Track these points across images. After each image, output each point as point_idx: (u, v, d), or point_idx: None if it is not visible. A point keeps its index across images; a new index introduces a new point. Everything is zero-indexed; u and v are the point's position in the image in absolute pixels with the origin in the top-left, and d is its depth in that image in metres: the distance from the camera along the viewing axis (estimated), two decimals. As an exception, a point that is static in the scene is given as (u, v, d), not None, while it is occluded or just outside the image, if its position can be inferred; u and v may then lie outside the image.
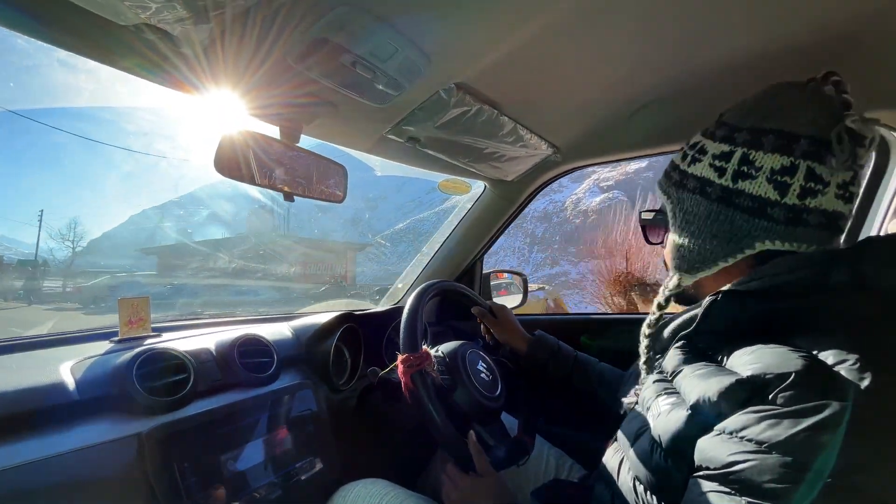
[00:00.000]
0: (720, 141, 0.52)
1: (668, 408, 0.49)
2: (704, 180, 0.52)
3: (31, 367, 0.67)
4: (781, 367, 0.39)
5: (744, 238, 0.49)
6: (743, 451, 0.39)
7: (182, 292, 16.50)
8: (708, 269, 0.53)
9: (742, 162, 0.49)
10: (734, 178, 0.49)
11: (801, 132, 0.46)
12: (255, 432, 0.79)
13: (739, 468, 0.38)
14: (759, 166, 0.48)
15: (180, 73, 0.58)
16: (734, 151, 0.50)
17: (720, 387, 0.42)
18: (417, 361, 0.71)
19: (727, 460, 0.39)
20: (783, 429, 0.37)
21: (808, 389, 0.37)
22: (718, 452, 0.40)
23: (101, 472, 0.59)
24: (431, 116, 0.77)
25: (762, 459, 0.37)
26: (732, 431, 0.40)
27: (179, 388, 0.73)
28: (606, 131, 0.95)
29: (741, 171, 0.49)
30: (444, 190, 1.33)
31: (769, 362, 0.41)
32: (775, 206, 0.47)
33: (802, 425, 0.36)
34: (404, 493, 0.77)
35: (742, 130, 0.50)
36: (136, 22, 0.46)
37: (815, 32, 0.60)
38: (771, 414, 0.38)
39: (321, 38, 0.53)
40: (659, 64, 0.69)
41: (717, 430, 0.42)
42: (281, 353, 0.93)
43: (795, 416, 0.37)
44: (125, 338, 0.81)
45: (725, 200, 0.50)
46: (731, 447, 0.40)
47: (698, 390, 0.45)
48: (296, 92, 0.65)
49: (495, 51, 0.62)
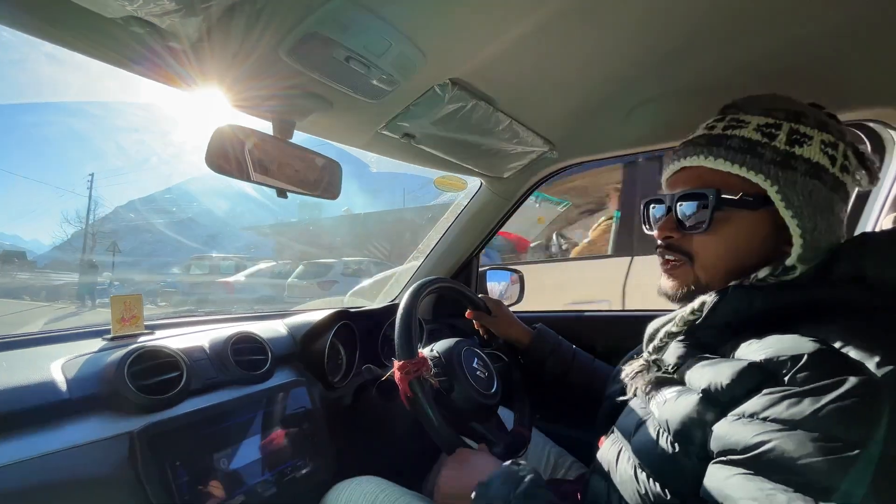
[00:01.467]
0: (820, 129, 0.51)
1: (675, 395, 0.49)
2: (819, 166, 0.50)
3: (22, 364, 0.66)
4: (793, 349, 0.40)
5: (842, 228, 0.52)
6: (767, 431, 0.38)
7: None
8: (822, 256, 0.50)
9: (844, 156, 0.51)
10: (841, 169, 0.51)
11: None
12: (248, 430, 0.78)
13: (766, 449, 0.38)
14: (853, 162, 0.52)
15: (170, 66, 0.57)
16: (838, 144, 0.51)
17: (732, 371, 0.43)
18: (415, 368, 0.71)
19: (752, 442, 0.39)
20: (806, 406, 0.37)
21: (822, 369, 0.38)
22: (741, 436, 0.40)
23: (92, 472, 0.59)
24: (426, 112, 0.76)
25: (788, 437, 0.37)
26: (753, 414, 0.40)
27: (172, 386, 0.72)
28: (603, 128, 0.95)
29: (845, 165, 0.51)
30: (439, 186, 1.32)
31: (780, 347, 0.41)
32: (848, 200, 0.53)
33: (824, 400, 0.36)
34: (399, 490, 0.76)
35: (829, 124, 0.52)
36: (123, 14, 0.45)
37: (813, 30, 0.59)
38: (790, 394, 0.38)
39: (313, 32, 0.52)
40: (655, 61, 0.68)
41: (734, 414, 0.41)
42: (275, 351, 0.93)
43: (815, 393, 0.37)
44: (117, 335, 0.81)
45: (836, 189, 0.51)
46: (753, 429, 0.39)
47: (708, 376, 0.45)
48: (288, 87, 0.64)
49: (491, 46, 0.62)
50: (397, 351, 0.73)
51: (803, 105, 0.54)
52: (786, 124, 0.52)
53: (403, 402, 0.72)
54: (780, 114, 0.53)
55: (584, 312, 1.37)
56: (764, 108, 0.54)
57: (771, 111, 0.54)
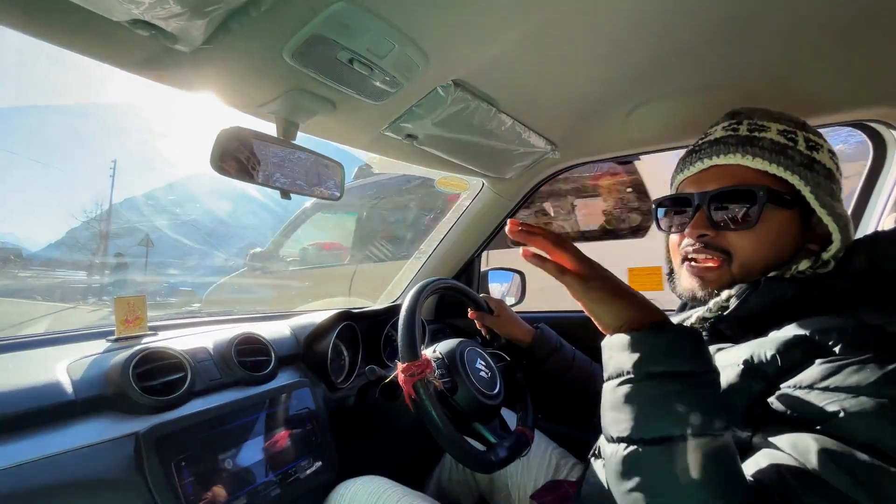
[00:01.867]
0: (821, 138, 0.57)
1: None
2: (830, 170, 0.55)
3: (28, 366, 0.67)
4: (835, 325, 0.41)
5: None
6: (836, 400, 0.37)
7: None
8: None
9: (837, 164, 0.57)
10: (840, 175, 0.56)
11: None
12: (252, 431, 0.78)
13: (843, 416, 0.37)
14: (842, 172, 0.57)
15: (175, 69, 0.57)
16: (835, 153, 0.57)
17: (776, 343, 0.43)
18: (419, 370, 0.71)
19: (825, 411, 0.38)
20: (870, 372, 0.37)
21: (868, 340, 0.39)
22: (808, 407, 0.39)
23: (99, 472, 0.59)
24: (429, 113, 0.77)
25: (863, 403, 0.36)
26: (811, 384, 0.39)
27: (176, 387, 0.73)
28: (605, 128, 0.95)
29: (841, 171, 0.57)
30: (442, 187, 1.33)
31: (819, 325, 0.42)
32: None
33: (888, 368, 0.36)
34: (402, 490, 0.77)
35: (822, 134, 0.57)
36: (129, 18, 0.45)
37: (814, 30, 0.59)
38: (848, 362, 0.38)
39: (317, 34, 0.53)
40: (657, 62, 0.68)
41: (789, 385, 0.41)
42: (279, 352, 0.93)
43: (873, 360, 0.37)
44: (122, 336, 0.81)
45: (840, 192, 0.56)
46: (821, 399, 0.38)
47: (747, 352, 0.45)
48: (292, 89, 0.65)
49: (493, 47, 0.62)
50: (400, 353, 0.73)
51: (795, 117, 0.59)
52: (799, 132, 0.56)
53: (407, 404, 0.72)
54: (789, 122, 0.57)
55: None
56: (771, 116, 0.58)
57: (779, 119, 0.57)
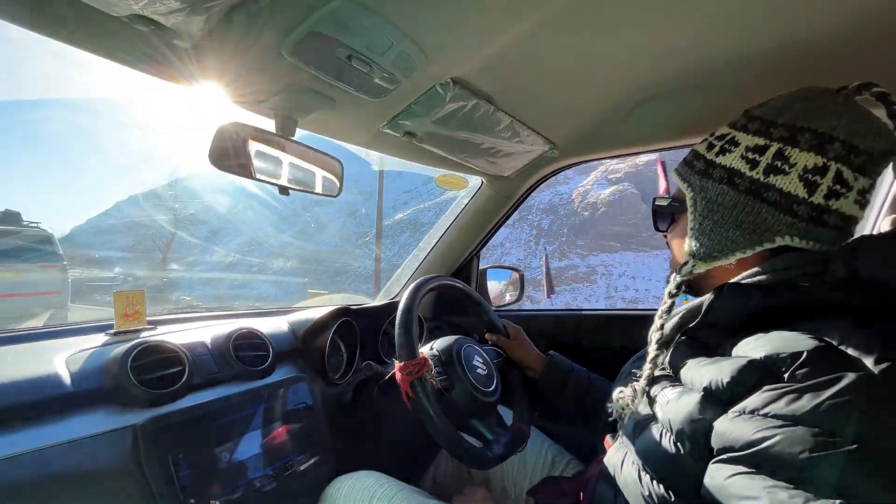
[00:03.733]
0: (754, 134, 0.52)
1: (677, 395, 0.49)
2: (734, 171, 0.53)
3: (26, 358, 0.67)
4: (792, 347, 0.41)
5: (766, 231, 0.50)
6: (767, 427, 0.38)
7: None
8: (724, 258, 0.54)
9: (777, 157, 0.50)
10: (766, 171, 0.50)
11: (836, 135, 0.48)
12: (250, 425, 0.79)
13: (767, 445, 0.38)
14: (793, 163, 0.49)
15: (173, 64, 0.58)
16: (769, 146, 0.50)
17: (732, 369, 0.43)
18: (416, 369, 0.71)
19: (752, 438, 0.39)
20: (806, 401, 0.37)
21: (822, 365, 0.38)
22: (742, 432, 0.40)
23: (96, 464, 0.59)
24: (428, 111, 0.77)
25: (790, 433, 0.37)
26: (753, 410, 0.40)
27: (174, 381, 0.73)
28: (604, 127, 0.95)
29: (774, 166, 0.50)
30: (441, 185, 1.33)
31: (779, 344, 0.42)
32: (802, 204, 0.48)
33: (824, 396, 0.36)
34: (397, 485, 0.77)
35: (778, 126, 0.51)
36: (129, 13, 0.45)
37: (816, 31, 0.59)
38: (790, 390, 0.38)
39: (316, 31, 0.53)
40: (657, 61, 0.68)
41: (734, 411, 0.42)
42: (277, 347, 0.93)
43: (815, 388, 0.37)
44: (120, 330, 0.82)
45: (753, 193, 0.51)
46: (754, 425, 0.39)
47: (709, 375, 0.45)
48: (290, 85, 0.65)
49: (492, 46, 0.62)
50: (398, 351, 0.73)
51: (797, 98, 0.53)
52: (731, 133, 0.55)
53: (405, 403, 0.73)
54: (740, 122, 0.56)
55: (583, 311, 1.37)
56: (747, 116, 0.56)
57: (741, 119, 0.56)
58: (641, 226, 13.08)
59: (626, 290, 11.99)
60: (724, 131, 0.57)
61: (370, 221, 21.86)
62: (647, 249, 13.09)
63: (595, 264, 13.21)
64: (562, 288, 12.81)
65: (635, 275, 12.37)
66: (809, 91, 0.52)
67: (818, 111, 0.49)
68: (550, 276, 12.64)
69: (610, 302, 11.57)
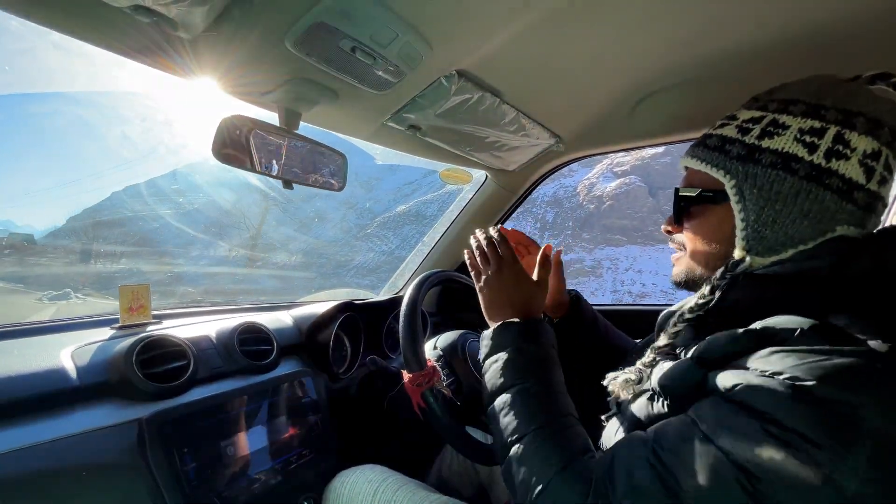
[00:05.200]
0: (804, 116, 0.49)
1: (671, 363, 0.50)
2: (790, 156, 0.48)
3: (33, 352, 0.67)
4: (791, 323, 0.41)
5: (829, 220, 0.47)
6: (747, 375, 0.39)
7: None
8: (785, 251, 0.49)
9: (836, 140, 0.46)
10: (827, 156, 0.47)
11: (886, 121, 0.46)
12: (254, 419, 0.79)
13: (739, 388, 0.39)
14: (853, 147, 0.46)
15: (176, 56, 0.57)
16: (827, 128, 0.47)
17: (727, 336, 0.44)
18: (426, 379, 0.70)
19: (731, 384, 0.40)
20: (791, 360, 0.37)
21: (817, 340, 0.38)
22: (725, 380, 0.41)
23: (102, 457, 0.60)
24: (432, 104, 0.76)
25: (763, 381, 0.38)
26: (740, 366, 0.41)
27: (179, 375, 0.73)
28: (609, 121, 0.94)
29: (835, 150, 0.46)
30: (445, 179, 1.32)
31: (779, 320, 0.42)
32: (860, 191, 0.46)
33: (810, 359, 0.37)
34: (401, 478, 0.77)
35: (829, 109, 0.48)
36: (130, 4, 0.45)
37: (824, 20, 0.58)
38: (782, 350, 0.39)
39: (319, 22, 0.52)
40: (663, 53, 0.67)
41: (727, 366, 0.43)
42: (281, 342, 0.94)
43: (807, 352, 0.37)
44: (126, 324, 0.82)
45: (816, 179, 0.47)
46: (737, 375, 0.40)
47: (704, 345, 0.46)
48: (294, 77, 0.64)
49: (497, 38, 0.61)
50: (405, 364, 0.72)
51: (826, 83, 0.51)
52: (770, 115, 0.51)
53: (417, 413, 0.72)
54: (774, 105, 0.52)
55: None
56: (774, 99, 0.53)
57: (770, 102, 0.52)
58: (648, 219, 12.98)
59: (633, 285, 11.94)
60: (754, 114, 0.52)
61: (371, 214, 21.81)
62: (653, 243, 13.00)
63: (601, 258, 13.15)
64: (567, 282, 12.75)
65: (642, 269, 12.31)
66: (831, 77, 0.50)
67: (862, 96, 0.47)
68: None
69: (616, 296, 11.52)
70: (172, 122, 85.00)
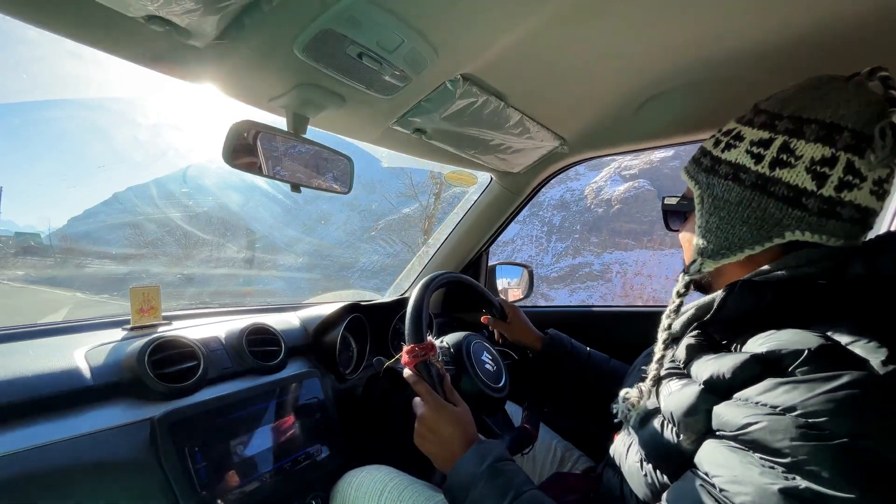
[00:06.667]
0: (759, 128, 0.51)
1: (680, 386, 0.49)
2: (739, 166, 0.51)
3: (48, 353, 0.69)
4: (796, 344, 0.40)
5: (774, 227, 0.49)
6: (758, 413, 0.39)
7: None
8: (733, 255, 0.52)
9: (782, 150, 0.48)
10: (772, 165, 0.49)
11: (845, 124, 0.46)
12: (263, 419, 0.80)
13: (752, 428, 0.39)
14: (799, 155, 0.47)
15: (187, 63, 0.58)
16: (774, 139, 0.49)
17: (734, 363, 0.43)
18: (423, 352, 0.72)
19: (742, 422, 0.40)
20: (799, 394, 0.37)
21: (823, 363, 0.38)
22: (734, 416, 0.41)
23: (115, 455, 0.61)
24: (438, 108, 0.77)
25: (776, 421, 0.38)
26: (748, 398, 0.41)
27: (190, 375, 0.75)
28: (614, 123, 0.94)
29: (780, 159, 0.48)
30: (450, 181, 1.33)
31: (784, 340, 0.42)
32: (811, 197, 0.47)
33: (818, 391, 0.37)
34: (408, 479, 0.78)
35: (783, 118, 0.49)
36: (145, 14, 0.46)
37: (829, 21, 0.58)
38: (787, 382, 0.39)
39: (327, 29, 0.53)
40: (668, 55, 0.67)
41: (734, 398, 0.43)
42: (288, 343, 0.95)
43: (811, 382, 0.37)
44: (137, 325, 0.83)
45: (760, 187, 0.49)
46: (746, 411, 0.40)
47: (711, 369, 0.46)
48: (302, 83, 0.65)
49: (501, 42, 0.62)
50: (406, 335, 0.73)
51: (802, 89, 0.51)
52: (737, 127, 0.54)
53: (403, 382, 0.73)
54: (747, 117, 0.54)
55: (593, 308, 1.37)
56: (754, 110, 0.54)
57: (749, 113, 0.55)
58: (657, 223, 12.88)
59: (643, 289, 11.85)
60: (730, 126, 0.56)
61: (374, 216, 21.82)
62: (663, 248, 12.90)
63: (610, 262, 13.07)
64: (576, 286, 12.69)
65: (652, 273, 12.22)
66: (818, 80, 0.50)
67: (825, 100, 0.48)
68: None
69: (626, 301, 11.46)
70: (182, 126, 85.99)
